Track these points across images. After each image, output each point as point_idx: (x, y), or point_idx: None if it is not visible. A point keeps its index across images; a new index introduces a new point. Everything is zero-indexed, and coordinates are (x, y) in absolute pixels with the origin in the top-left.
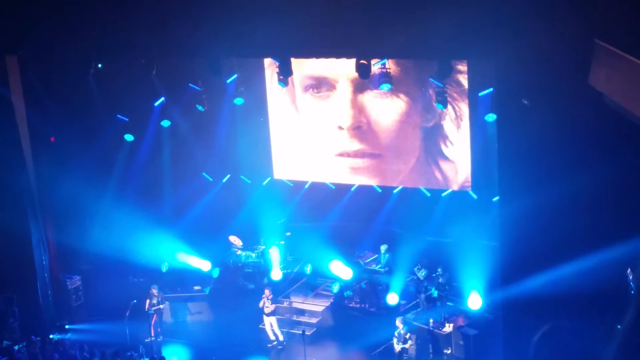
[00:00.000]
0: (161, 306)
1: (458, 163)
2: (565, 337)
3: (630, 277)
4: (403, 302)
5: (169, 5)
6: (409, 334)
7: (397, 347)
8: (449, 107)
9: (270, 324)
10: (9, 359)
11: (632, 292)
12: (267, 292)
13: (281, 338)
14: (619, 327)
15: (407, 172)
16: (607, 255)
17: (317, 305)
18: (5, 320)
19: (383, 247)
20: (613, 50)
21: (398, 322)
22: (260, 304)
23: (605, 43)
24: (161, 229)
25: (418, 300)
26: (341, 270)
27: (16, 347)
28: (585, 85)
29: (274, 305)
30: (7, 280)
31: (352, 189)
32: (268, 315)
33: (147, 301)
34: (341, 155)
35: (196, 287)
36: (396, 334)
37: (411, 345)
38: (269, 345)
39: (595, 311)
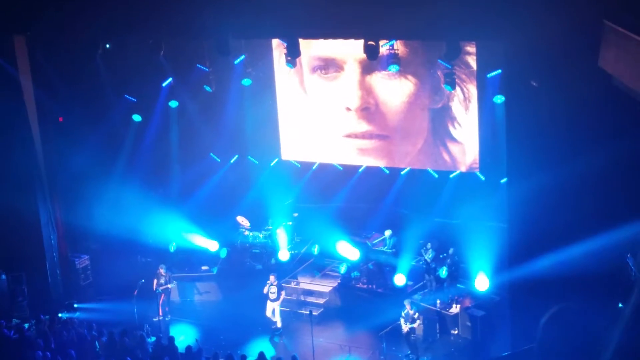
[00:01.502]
0: (169, 286)
1: (466, 144)
2: (572, 318)
3: (631, 262)
4: (410, 283)
5: None
6: (417, 314)
7: (405, 327)
8: (457, 88)
9: (273, 310)
10: (19, 337)
11: (635, 275)
12: (271, 278)
13: (279, 325)
14: (620, 305)
15: (415, 154)
16: (614, 237)
17: (325, 286)
18: (14, 299)
19: (387, 232)
20: (622, 31)
21: (406, 304)
22: (265, 290)
23: (614, 24)
24: (169, 209)
25: (425, 281)
26: (348, 251)
27: (26, 325)
28: (594, 66)
29: (283, 292)
30: (16, 259)
31: (360, 170)
32: (273, 301)
33: (155, 281)
34: (349, 136)
35: (204, 267)
36: (403, 314)
37: (419, 324)
38: (273, 327)
39: (602, 293)
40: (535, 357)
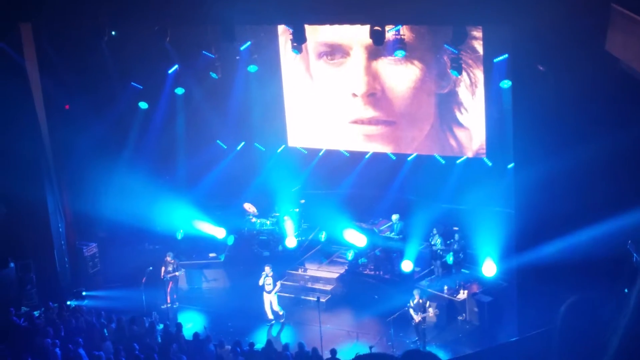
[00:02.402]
0: (177, 273)
1: (473, 130)
2: (592, 307)
3: (632, 249)
4: (417, 269)
5: None
6: (428, 302)
7: (417, 318)
8: (464, 73)
9: (270, 302)
10: (29, 324)
11: (636, 262)
12: (267, 269)
13: (281, 313)
14: (626, 290)
15: (422, 139)
16: (621, 222)
17: (332, 273)
18: (23, 287)
19: (395, 217)
20: (630, 14)
21: (415, 294)
22: (260, 282)
23: (622, 7)
24: (176, 196)
25: (432, 267)
26: (355, 237)
27: (36, 313)
28: (601, 50)
29: (278, 283)
30: (25, 248)
31: (367, 156)
32: (269, 293)
33: (163, 268)
34: (355, 122)
35: (211, 255)
36: (412, 304)
37: (434, 312)
38: (267, 324)
39: (609, 278)
40: (555, 345)
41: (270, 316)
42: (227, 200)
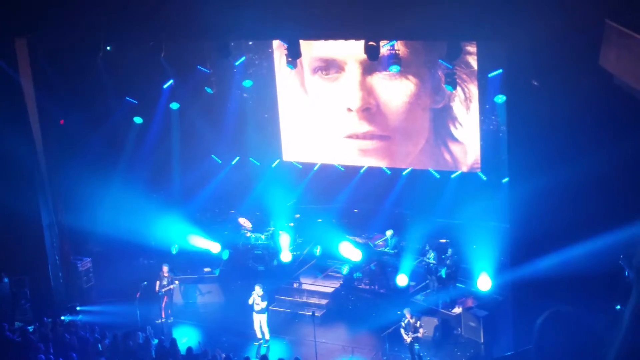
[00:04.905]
0: (171, 286)
1: (467, 144)
2: (569, 321)
3: (625, 265)
4: (412, 283)
5: None
6: (419, 322)
7: (407, 338)
8: (459, 88)
9: (260, 322)
10: (23, 339)
11: (628, 278)
12: (257, 288)
13: (267, 337)
14: (618, 307)
15: (416, 154)
16: (617, 237)
17: (327, 287)
18: (17, 302)
19: (389, 232)
20: (624, 30)
21: (406, 313)
22: (250, 301)
23: (616, 23)
24: (171, 211)
25: (427, 281)
26: (350, 252)
27: (30, 328)
28: (595, 66)
29: (264, 303)
30: (19, 263)
31: (361, 170)
32: (258, 312)
33: (158, 283)
34: (350, 137)
35: (206, 269)
36: (403, 324)
37: (424, 333)
38: (255, 343)
39: (604, 293)
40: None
41: (259, 335)
42: (222, 215)
